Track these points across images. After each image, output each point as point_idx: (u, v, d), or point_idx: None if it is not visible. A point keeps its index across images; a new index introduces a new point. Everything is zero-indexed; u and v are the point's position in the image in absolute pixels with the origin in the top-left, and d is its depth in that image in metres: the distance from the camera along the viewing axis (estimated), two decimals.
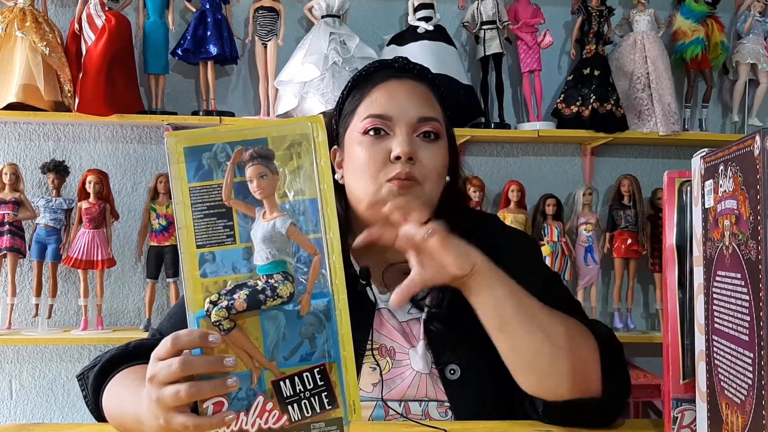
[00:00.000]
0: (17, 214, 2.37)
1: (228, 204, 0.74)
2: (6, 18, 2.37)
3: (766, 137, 0.62)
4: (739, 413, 0.68)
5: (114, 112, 2.36)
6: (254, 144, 0.74)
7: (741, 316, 0.68)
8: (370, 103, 1.08)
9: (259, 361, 0.74)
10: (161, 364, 0.74)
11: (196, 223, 0.74)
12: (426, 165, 1.05)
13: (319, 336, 0.74)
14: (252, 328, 0.73)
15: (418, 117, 1.06)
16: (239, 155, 0.74)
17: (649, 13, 2.68)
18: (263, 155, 0.74)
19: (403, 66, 1.13)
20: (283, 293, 0.73)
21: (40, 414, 2.56)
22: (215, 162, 0.74)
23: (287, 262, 0.74)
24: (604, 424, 0.97)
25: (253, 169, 0.74)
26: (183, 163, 0.74)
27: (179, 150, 0.74)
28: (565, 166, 2.82)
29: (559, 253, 2.59)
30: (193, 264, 0.73)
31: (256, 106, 2.62)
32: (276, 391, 0.74)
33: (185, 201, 0.74)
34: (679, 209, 0.86)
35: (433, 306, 1.07)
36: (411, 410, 1.03)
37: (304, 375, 0.74)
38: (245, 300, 0.72)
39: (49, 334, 2.40)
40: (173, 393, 0.73)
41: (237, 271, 0.74)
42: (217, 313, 0.72)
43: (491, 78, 2.64)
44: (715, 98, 2.88)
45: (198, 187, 0.74)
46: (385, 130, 1.05)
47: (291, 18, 2.64)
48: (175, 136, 0.74)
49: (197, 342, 0.73)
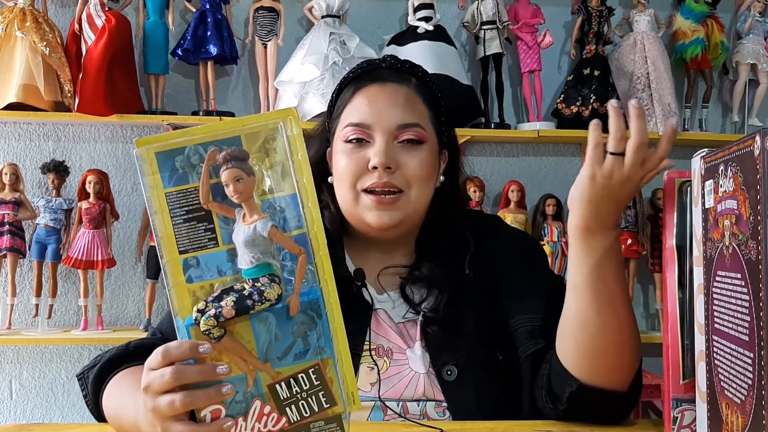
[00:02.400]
0: (17, 214, 2.37)
1: (206, 207, 0.72)
2: (6, 18, 2.37)
3: (766, 137, 0.62)
4: (739, 413, 0.68)
5: (114, 112, 2.36)
6: (227, 143, 0.72)
7: (741, 316, 0.68)
8: (351, 110, 1.08)
9: (253, 364, 0.73)
10: (154, 374, 0.74)
11: (176, 229, 0.72)
12: (408, 172, 1.04)
13: (311, 333, 0.73)
14: (243, 332, 0.73)
15: (397, 124, 1.05)
16: (213, 156, 0.72)
17: (649, 13, 2.68)
18: (237, 157, 0.72)
19: (390, 65, 1.12)
20: (271, 296, 0.72)
21: (40, 414, 2.56)
22: (189, 165, 0.72)
23: (272, 264, 0.72)
24: (621, 418, 0.98)
25: (228, 173, 0.72)
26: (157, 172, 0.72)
27: (151, 157, 0.72)
28: (565, 166, 2.82)
29: (559, 253, 2.59)
30: (177, 270, 0.72)
31: (256, 106, 2.62)
32: (272, 394, 0.73)
33: (163, 208, 0.72)
34: (679, 209, 0.86)
35: (430, 310, 1.07)
36: (409, 410, 1.03)
37: (300, 376, 0.73)
38: (233, 307, 0.71)
39: (49, 334, 2.40)
40: (168, 403, 0.72)
41: (223, 274, 0.73)
42: (205, 322, 0.71)
43: (491, 78, 2.64)
44: (715, 98, 2.88)
45: (174, 192, 0.72)
46: (365, 138, 1.05)
47: (291, 18, 2.64)
48: (145, 143, 0.72)
49: (188, 354, 0.72)
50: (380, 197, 1.03)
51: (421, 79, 1.12)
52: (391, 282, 1.10)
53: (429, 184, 1.08)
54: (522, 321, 1.05)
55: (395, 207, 1.04)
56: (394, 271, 1.10)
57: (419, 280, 1.08)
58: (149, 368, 0.75)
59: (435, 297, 1.07)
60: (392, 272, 1.10)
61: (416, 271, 1.09)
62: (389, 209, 1.03)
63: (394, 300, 1.10)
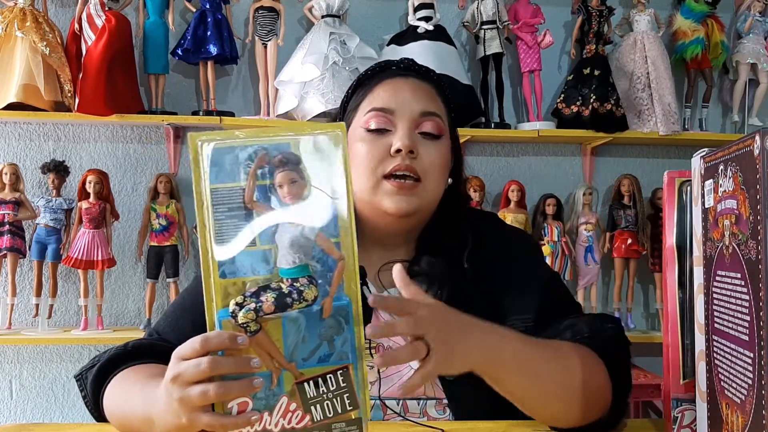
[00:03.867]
0: (17, 214, 2.37)
1: (250, 206, 0.75)
2: (6, 18, 2.37)
3: (766, 137, 0.62)
4: (739, 413, 0.68)
5: (114, 112, 2.36)
6: (277, 148, 0.75)
7: (741, 316, 0.68)
8: (373, 98, 1.09)
9: (279, 362, 0.75)
10: (187, 363, 0.74)
11: (217, 225, 0.74)
12: (426, 161, 1.05)
13: (337, 338, 0.75)
14: (273, 330, 0.74)
15: (420, 111, 1.06)
16: (264, 158, 0.75)
17: (649, 13, 2.68)
18: (292, 161, 0.75)
19: (408, 66, 1.14)
20: (309, 297, 0.74)
21: (40, 414, 2.56)
22: (237, 164, 0.75)
23: (311, 266, 0.75)
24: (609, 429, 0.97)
25: (284, 175, 0.74)
26: (206, 165, 0.74)
27: (203, 152, 0.75)
28: (565, 166, 2.82)
29: (559, 253, 2.59)
30: (213, 264, 0.74)
31: (256, 106, 2.62)
32: (300, 391, 0.75)
33: (207, 202, 0.74)
34: (679, 209, 0.86)
35: None
36: (409, 408, 1.03)
37: (328, 377, 0.75)
38: (273, 303, 0.73)
39: (49, 334, 2.40)
40: (200, 392, 0.73)
41: (255, 273, 0.74)
42: (245, 315, 0.73)
43: (491, 78, 2.64)
44: (715, 98, 2.88)
45: (220, 188, 0.74)
46: (387, 126, 1.05)
47: (291, 18, 2.64)
48: (198, 138, 0.75)
49: (227, 344, 0.73)
50: (401, 182, 1.04)
51: (437, 82, 1.14)
52: (392, 279, 1.11)
53: (443, 177, 1.09)
54: (516, 322, 1.05)
55: (413, 194, 1.04)
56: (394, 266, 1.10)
57: (419, 275, 1.08)
58: (180, 358, 0.76)
59: (435, 293, 1.07)
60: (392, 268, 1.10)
61: (416, 266, 1.09)
62: (408, 195, 1.04)
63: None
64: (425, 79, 1.12)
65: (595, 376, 0.93)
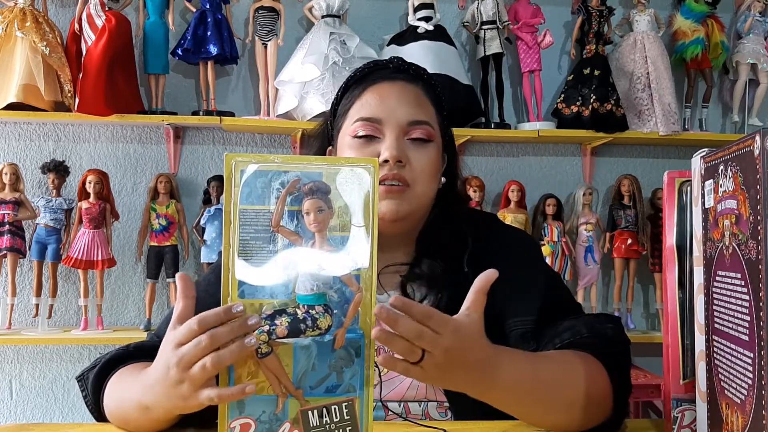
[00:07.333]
0: (17, 214, 2.37)
1: (276, 230, 0.76)
2: (6, 18, 2.37)
3: (766, 137, 0.62)
4: (739, 413, 0.68)
5: (114, 112, 2.36)
6: (309, 177, 0.76)
7: (741, 316, 0.68)
8: (360, 106, 1.08)
9: (287, 387, 0.76)
10: (187, 346, 0.75)
11: (241, 244, 0.76)
12: (416, 167, 1.05)
13: (347, 370, 0.76)
14: (284, 355, 0.75)
15: (408, 120, 1.06)
16: (295, 185, 0.76)
17: (649, 13, 2.68)
18: (321, 190, 0.76)
19: (397, 67, 1.13)
20: (323, 325, 0.75)
21: (40, 414, 2.56)
22: (269, 189, 0.76)
23: (328, 295, 0.76)
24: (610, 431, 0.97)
25: (312, 202, 0.76)
26: (239, 186, 0.76)
27: (237, 171, 0.76)
28: (565, 166, 2.82)
29: (559, 253, 2.59)
30: (234, 283, 0.76)
31: (256, 106, 2.62)
32: (303, 419, 0.76)
33: (235, 221, 0.76)
34: (679, 209, 0.86)
35: None
36: (411, 411, 1.03)
37: (333, 408, 0.76)
38: (287, 327, 0.75)
39: (49, 334, 2.40)
40: (200, 368, 0.74)
41: (274, 297, 0.76)
42: (258, 336, 0.74)
43: (491, 78, 2.64)
44: (715, 98, 2.88)
45: (249, 209, 0.76)
46: (375, 134, 1.06)
47: (291, 18, 2.64)
48: (234, 159, 0.76)
49: (223, 317, 0.74)
50: (389, 187, 1.04)
51: (427, 81, 1.13)
52: (392, 281, 1.10)
53: (434, 181, 1.09)
54: (515, 323, 1.05)
55: (403, 198, 1.05)
56: (394, 269, 1.10)
57: (419, 278, 1.08)
58: (178, 343, 0.76)
59: (435, 296, 1.07)
60: (392, 271, 1.10)
61: (416, 269, 1.09)
62: (397, 198, 1.04)
63: None
64: (414, 79, 1.11)
65: (597, 384, 0.92)
